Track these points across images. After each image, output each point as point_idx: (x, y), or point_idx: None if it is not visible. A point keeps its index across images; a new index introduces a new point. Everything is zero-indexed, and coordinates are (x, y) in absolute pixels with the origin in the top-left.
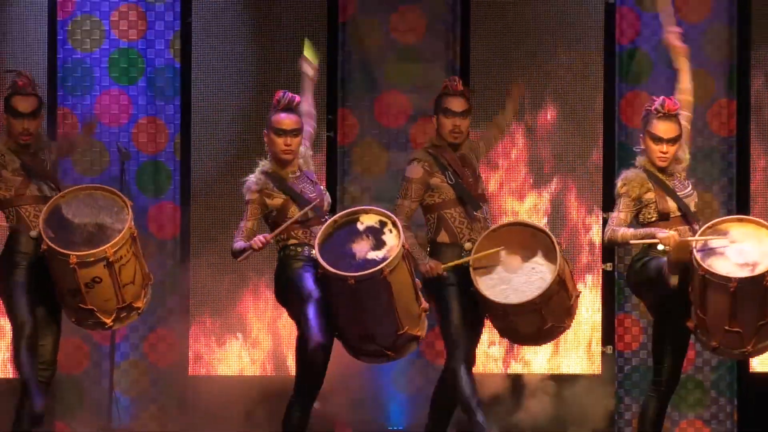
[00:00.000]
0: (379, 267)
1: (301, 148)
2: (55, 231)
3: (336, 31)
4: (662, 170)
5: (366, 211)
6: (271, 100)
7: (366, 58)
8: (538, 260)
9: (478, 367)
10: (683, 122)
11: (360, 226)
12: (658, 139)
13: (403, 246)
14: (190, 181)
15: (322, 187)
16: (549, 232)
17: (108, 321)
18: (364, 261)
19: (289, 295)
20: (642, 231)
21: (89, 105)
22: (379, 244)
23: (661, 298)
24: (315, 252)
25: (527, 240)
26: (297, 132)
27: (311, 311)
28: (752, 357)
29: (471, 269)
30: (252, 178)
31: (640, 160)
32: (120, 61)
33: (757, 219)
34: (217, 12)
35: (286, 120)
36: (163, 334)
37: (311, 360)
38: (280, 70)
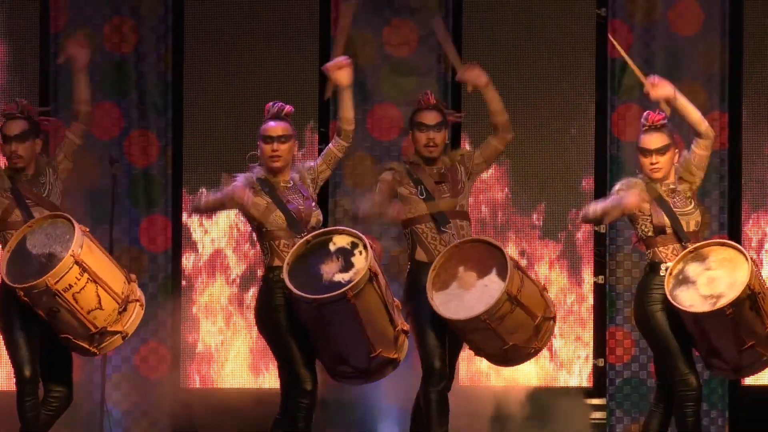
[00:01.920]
0: (342, 290)
1: (305, 164)
2: (17, 263)
3: (328, 44)
4: (663, 184)
5: (339, 232)
6: (263, 113)
7: (359, 70)
8: (492, 278)
9: (467, 381)
10: (701, 151)
11: (332, 247)
12: (646, 152)
13: (370, 269)
14: (181, 194)
15: (313, 203)
16: (504, 250)
17: (89, 347)
18: (329, 283)
19: (269, 335)
20: (609, 201)
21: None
22: (347, 266)
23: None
24: (284, 272)
25: (485, 257)
26: (285, 138)
27: (293, 358)
28: (745, 376)
29: (429, 284)
30: (241, 175)
31: (641, 177)
32: (112, 73)
33: (736, 245)
34: (209, 25)
35: (273, 126)
36: (155, 346)
37: (300, 406)
38: (272, 83)
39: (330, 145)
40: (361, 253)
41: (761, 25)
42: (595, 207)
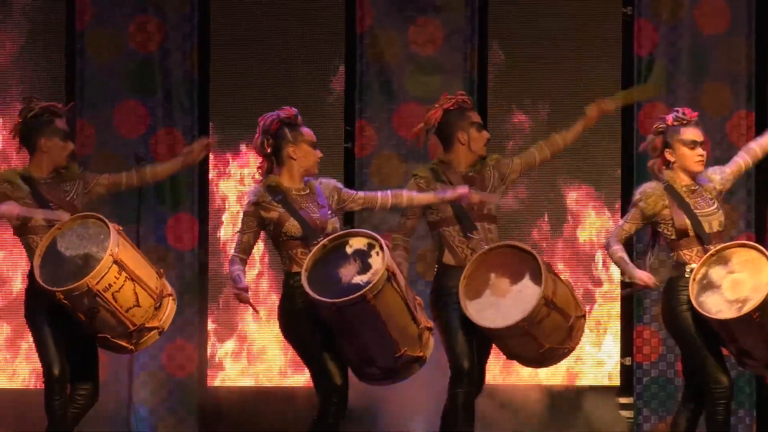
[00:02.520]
0: (361, 292)
1: (331, 181)
2: (49, 266)
3: (354, 43)
4: (685, 187)
5: (355, 234)
6: (283, 119)
7: (384, 69)
8: (526, 283)
9: (498, 379)
10: (742, 163)
11: (349, 250)
12: (693, 144)
13: (388, 269)
14: (207, 192)
15: (329, 212)
16: (537, 255)
17: (127, 345)
18: (348, 286)
19: (294, 339)
20: (626, 266)
21: (107, 116)
22: (365, 268)
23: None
24: (302, 278)
25: (516, 263)
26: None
27: (321, 361)
28: None
29: (461, 293)
30: (252, 189)
31: (667, 174)
32: (138, 72)
33: (758, 246)
34: (235, 23)
35: (312, 133)
36: (182, 344)
37: (330, 401)
38: (297, 82)
39: (361, 195)
40: (377, 253)
41: None
42: (614, 254)
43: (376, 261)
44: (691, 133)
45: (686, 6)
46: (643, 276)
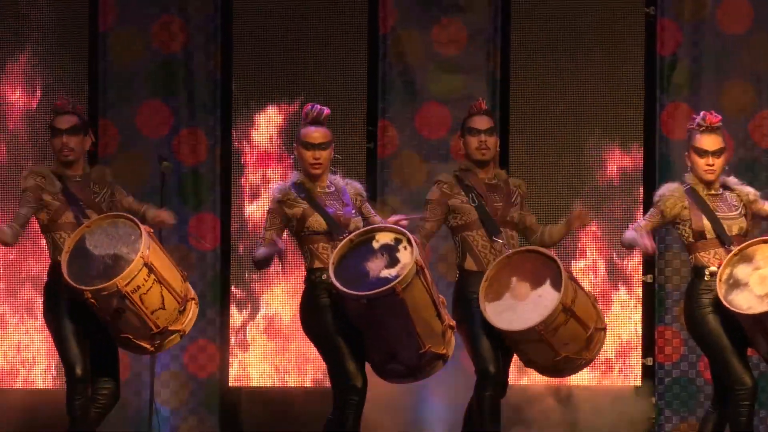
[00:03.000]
0: (390, 285)
1: (356, 184)
2: (76, 263)
3: (377, 43)
4: (708, 188)
5: (381, 229)
6: (302, 115)
7: (407, 69)
8: (546, 288)
9: (519, 379)
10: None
11: (375, 245)
12: (702, 153)
13: (416, 263)
14: (230, 192)
15: (353, 210)
16: (558, 260)
17: (148, 346)
18: (377, 279)
19: (316, 336)
20: (632, 235)
21: (130, 116)
22: (393, 262)
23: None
24: (330, 272)
25: (539, 268)
26: (326, 145)
27: (342, 357)
28: None
29: (481, 295)
30: (276, 186)
31: (688, 177)
32: (160, 72)
33: None
34: (258, 24)
35: (314, 133)
36: (204, 344)
37: (349, 403)
38: (320, 83)
39: (377, 220)
40: (406, 248)
41: None
42: (623, 238)
43: (405, 255)
44: (704, 142)
45: (709, 5)
46: (647, 243)
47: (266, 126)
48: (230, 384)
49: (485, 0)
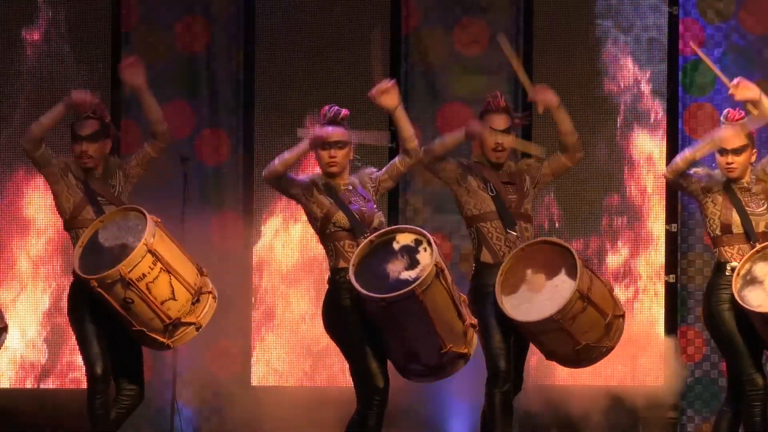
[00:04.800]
0: (410, 288)
1: (365, 169)
2: (89, 257)
3: (399, 43)
4: (737, 182)
5: (402, 230)
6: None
7: (429, 69)
8: (562, 278)
9: (544, 380)
10: None
11: (396, 246)
12: (722, 151)
13: (436, 265)
14: (252, 192)
15: (375, 206)
16: (573, 250)
17: (163, 339)
18: (396, 281)
19: (338, 336)
20: (700, 143)
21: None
22: (413, 264)
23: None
24: (350, 274)
25: (552, 258)
26: (342, 144)
27: (364, 361)
28: None
29: (497, 289)
30: (310, 174)
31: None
32: (183, 72)
33: None
34: (280, 25)
35: (331, 132)
36: (226, 344)
37: (371, 403)
38: (341, 82)
39: (396, 159)
40: (425, 249)
41: None
42: (683, 154)
43: (425, 257)
44: (724, 140)
45: (732, 5)
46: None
47: (289, 126)
48: (252, 383)
49: (507, 0)
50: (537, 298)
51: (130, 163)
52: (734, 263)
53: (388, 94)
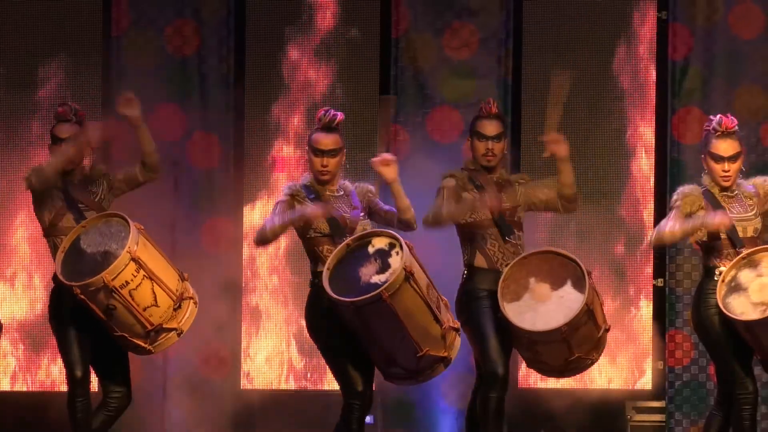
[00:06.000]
0: (377, 291)
1: (365, 186)
2: (70, 263)
3: (389, 47)
4: (724, 190)
5: (378, 234)
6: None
7: (419, 73)
8: (567, 289)
9: (531, 383)
10: None
11: (371, 249)
12: (718, 158)
13: (405, 268)
14: (242, 196)
15: (362, 213)
16: (579, 262)
17: (144, 345)
18: (367, 285)
19: (319, 339)
20: (690, 221)
21: (144, 119)
22: (384, 267)
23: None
24: (323, 277)
25: (557, 269)
26: (335, 152)
27: (343, 366)
28: None
29: (499, 295)
30: (288, 184)
31: (705, 179)
32: (174, 75)
33: None
34: (270, 27)
35: (324, 140)
36: (216, 348)
37: (352, 407)
38: (333, 89)
39: (388, 213)
40: (397, 253)
41: None
42: (673, 229)
43: (395, 260)
44: (721, 147)
45: (721, 10)
46: (720, 218)
47: (280, 129)
48: (242, 387)
49: (497, 4)
50: (542, 308)
51: (116, 176)
52: (722, 268)
53: (389, 167)
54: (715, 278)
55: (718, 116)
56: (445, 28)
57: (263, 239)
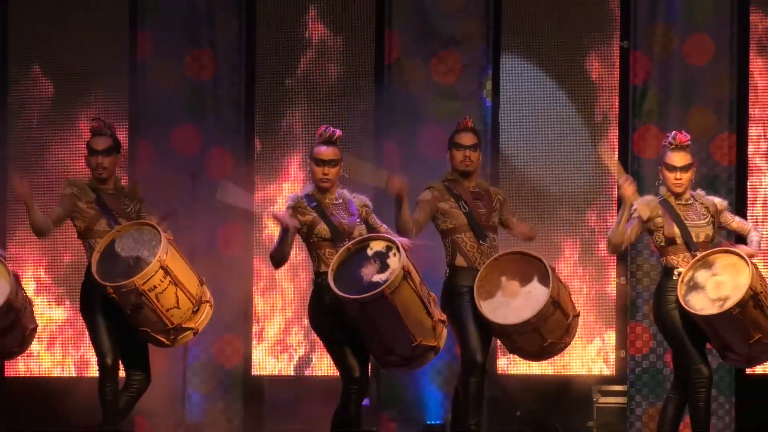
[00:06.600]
0: (380, 289)
1: (362, 198)
2: (105, 263)
3: (383, 72)
4: (678, 198)
5: (375, 238)
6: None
7: (409, 95)
8: (535, 284)
9: (508, 370)
10: (736, 225)
11: (369, 252)
12: (672, 168)
13: (404, 268)
14: (253, 204)
15: (358, 219)
16: (544, 260)
17: (164, 340)
18: (369, 284)
19: (321, 333)
20: (621, 215)
21: (165, 137)
22: (383, 268)
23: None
24: (329, 277)
25: (525, 267)
26: (334, 162)
27: (343, 355)
28: (757, 365)
29: (476, 295)
30: (290, 195)
31: (662, 189)
32: (193, 98)
33: (738, 251)
34: (278, 57)
35: (325, 151)
36: (230, 339)
37: (350, 392)
38: (334, 107)
39: (383, 227)
40: (395, 254)
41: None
42: (613, 232)
43: (394, 261)
44: (674, 158)
45: (676, 41)
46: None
47: (285, 146)
48: (252, 373)
49: (478, 34)
50: (513, 303)
51: (148, 213)
52: (681, 268)
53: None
54: (674, 278)
55: (674, 132)
56: (432, 56)
57: (275, 263)
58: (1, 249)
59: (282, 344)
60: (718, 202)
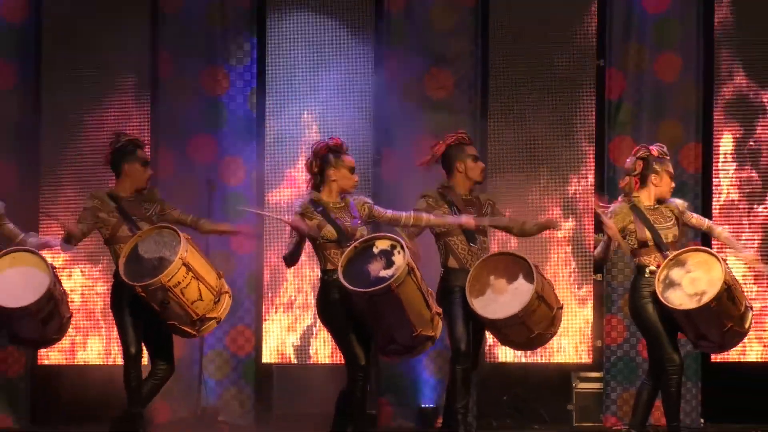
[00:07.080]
0: (387, 283)
1: (362, 197)
2: (131, 265)
3: (381, 83)
4: (644, 205)
5: (380, 237)
6: (330, 146)
7: (405, 111)
8: (521, 281)
9: (496, 358)
10: (695, 221)
11: (375, 250)
12: (672, 176)
13: (408, 264)
14: (263, 206)
15: (359, 221)
16: (528, 259)
17: (191, 331)
18: (376, 278)
19: (329, 325)
20: (602, 245)
21: (183, 147)
22: (389, 264)
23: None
24: (339, 273)
25: (511, 266)
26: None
27: (349, 345)
28: (729, 349)
29: (468, 293)
30: (298, 202)
31: (635, 194)
32: (208, 111)
33: (709, 249)
34: (287, 74)
35: (353, 161)
36: (242, 329)
37: (356, 378)
38: (337, 120)
39: (392, 218)
40: (399, 252)
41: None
42: (595, 255)
43: (399, 258)
44: (671, 167)
45: (648, 59)
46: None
47: (293, 155)
48: (263, 361)
49: (468, 53)
50: (501, 299)
51: (171, 210)
52: (652, 267)
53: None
54: (646, 275)
55: (660, 146)
56: (424, 73)
57: (288, 263)
58: (36, 237)
59: (290, 334)
60: (680, 203)
